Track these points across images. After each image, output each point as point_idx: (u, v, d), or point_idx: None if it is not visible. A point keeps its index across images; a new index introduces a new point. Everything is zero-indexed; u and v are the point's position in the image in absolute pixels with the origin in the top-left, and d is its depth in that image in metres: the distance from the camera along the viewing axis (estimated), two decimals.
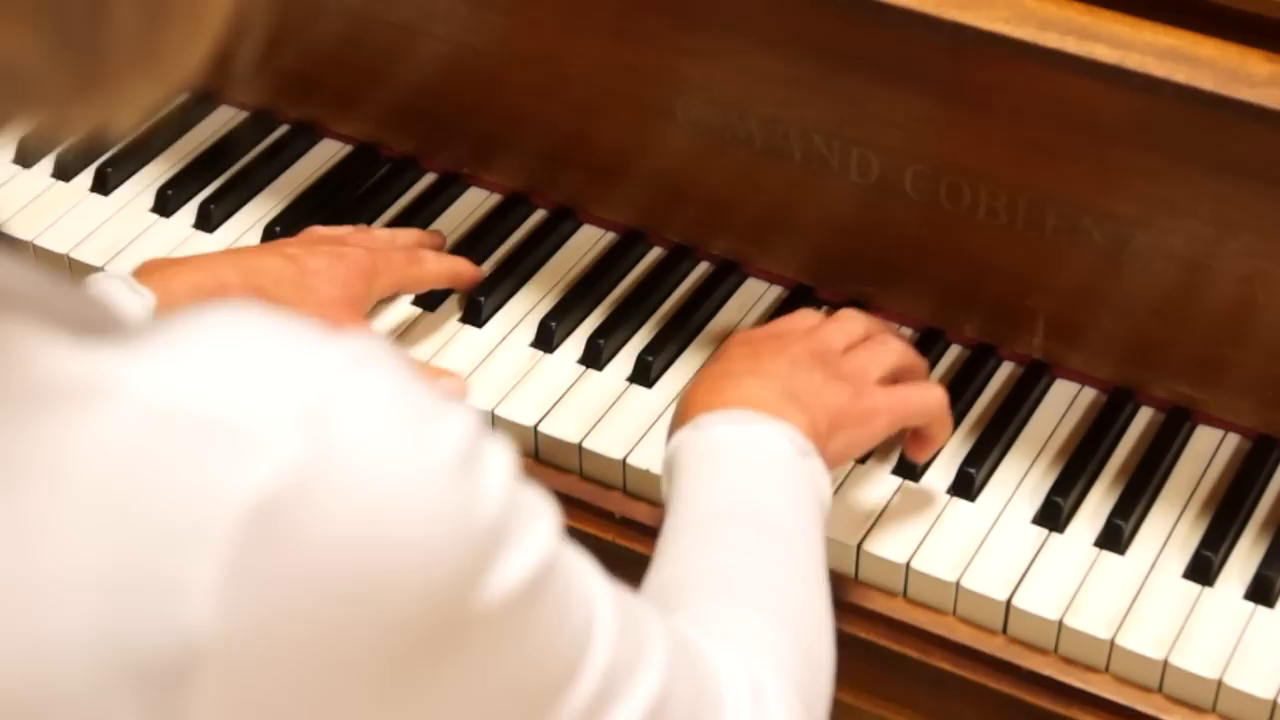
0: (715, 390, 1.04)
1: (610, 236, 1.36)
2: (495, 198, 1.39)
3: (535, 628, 0.70)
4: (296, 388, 0.62)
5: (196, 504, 0.60)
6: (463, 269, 1.29)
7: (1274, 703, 1.04)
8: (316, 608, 0.62)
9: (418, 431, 0.64)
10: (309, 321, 0.66)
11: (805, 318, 1.14)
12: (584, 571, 0.75)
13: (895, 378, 1.10)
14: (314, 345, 0.64)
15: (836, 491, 1.14)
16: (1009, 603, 1.10)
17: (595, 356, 1.25)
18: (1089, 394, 1.23)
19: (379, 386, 0.64)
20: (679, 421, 1.04)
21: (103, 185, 1.40)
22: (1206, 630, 1.08)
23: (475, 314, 1.28)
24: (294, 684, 0.62)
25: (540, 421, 1.21)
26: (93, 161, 1.41)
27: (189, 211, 1.38)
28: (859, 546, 1.13)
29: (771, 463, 1.00)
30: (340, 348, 0.64)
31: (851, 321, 1.13)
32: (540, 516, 0.70)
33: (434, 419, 0.65)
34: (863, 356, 1.10)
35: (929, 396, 1.10)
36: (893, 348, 1.11)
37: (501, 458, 0.68)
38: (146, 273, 1.13)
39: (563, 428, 1.20)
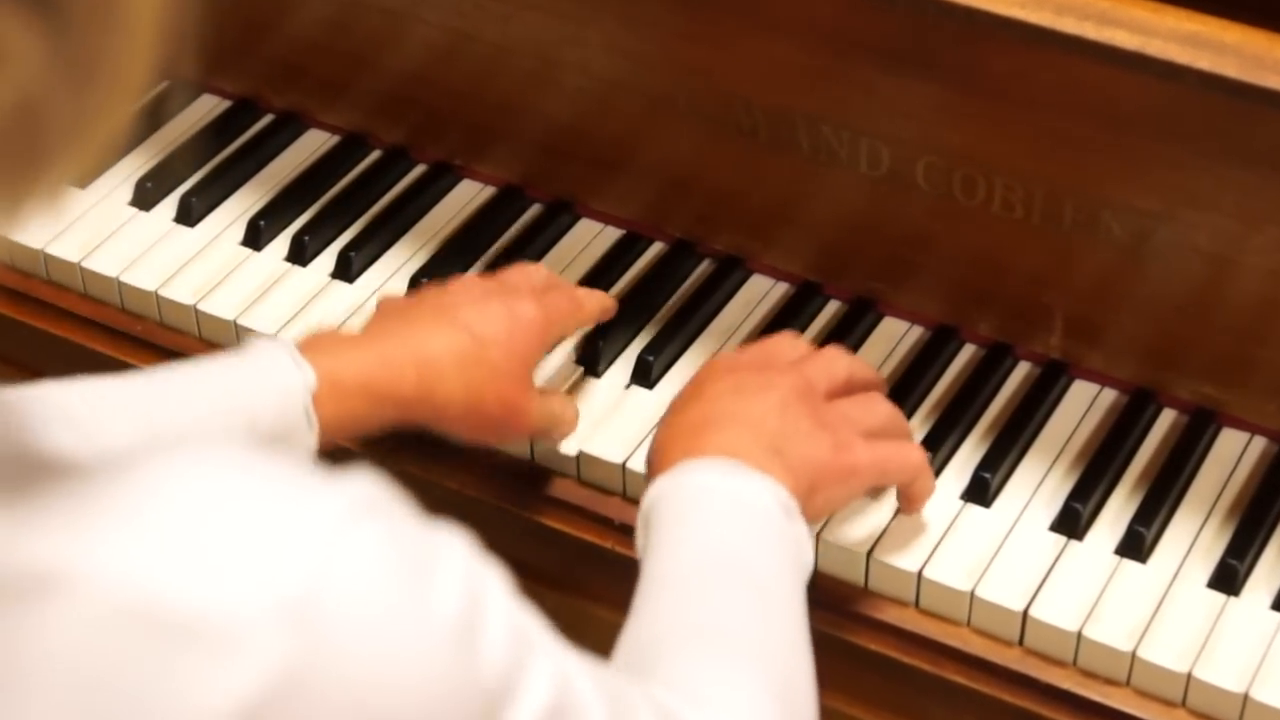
0: (699, 435, 1.03)
1: (609, 231, 1.36)
2: (489, 190, 1.39)
3: None
4: (277, 569, 0.59)
5: (175, 714, 0.57)
6: (608, 304, 1.24)
7: None
8: None
9: (413, 602, 0.62)
10: (292, 467, 0.62)
11: (792, 346, 1.13)
12: (580, 685, 0.74)
13: (877, 435, 1.09)
14: (294, 509, 0.61)
15: None
16: (1025, 613, 1.10)
17: (594, 357, 1.25)
18: (1109, 395, 1.23)
19: (367, 554, 0.61)
20: (658, 464, 1.03)
21: (79, 178, 1.40)
22: (1232, 642, 1.07)
23: None
24: None
25: None
26: None
27: (169, 205, 1.38)
28: (869, 554, 1.12)
29: (754, 519, 0.99)
30: (326, 505, 0.61)
31: (837, 362, 1.12)
32: (539, 653, 0.69)
33: (429, 575, 0.63)
34: (848, 406, 1.09)
35: (910, 457, 1.09)
36: (879, 410, 1.10)
37: (499, 596, 0.67)
38: (313, 347, 1.07)
39: None
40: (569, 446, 1.19)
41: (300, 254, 1.33)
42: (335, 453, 1.07)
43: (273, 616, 0.58)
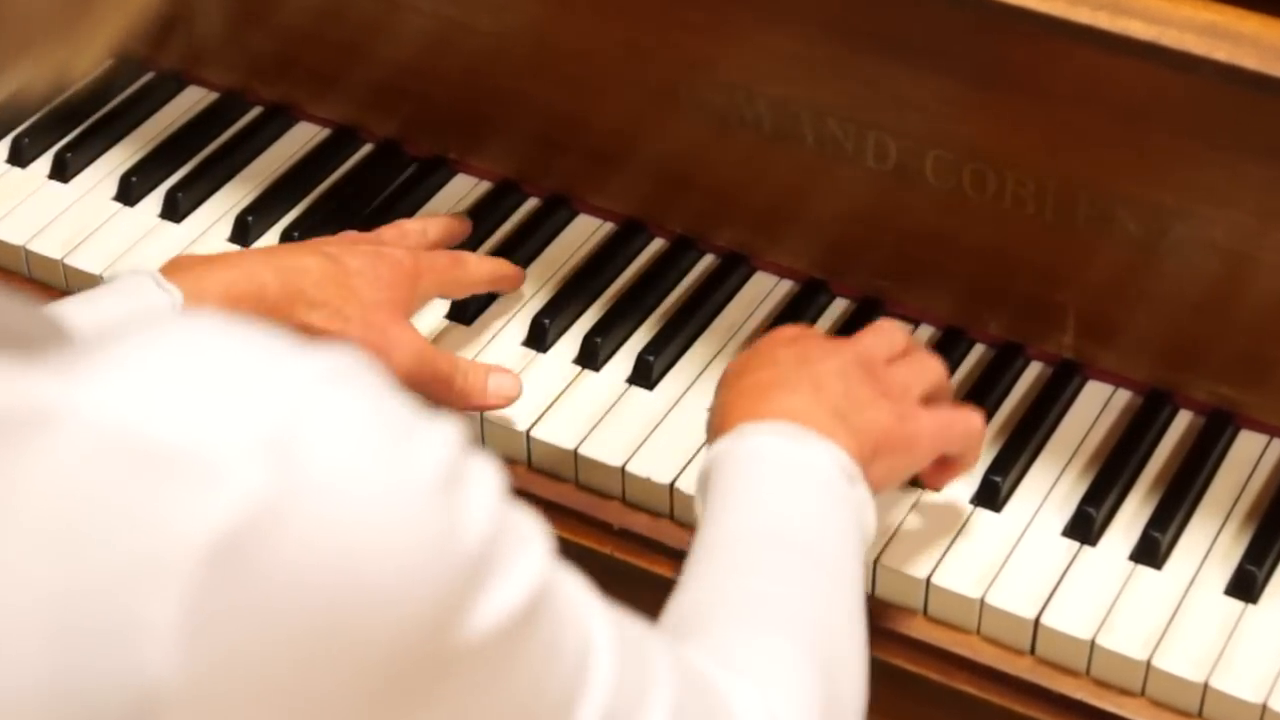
0: (762, 398, 1.03)
1: (608, 227, 1.36)
2: (484, 185, 1.39)
3: (525, 664, 0.70)
4: (260, 409, 0.62)
5: (154, 540, 0.60)
6: (507, 271, 1.27)
7: None
8: (287, 648, 0.61)
9: (393, 452, 0.64)
10: (275, 331, 0.65)
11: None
12: (580, 600, 0.74)
13: (929, 398, 1.10)
14: (280, 360, 0.64)
15: None
16: (1037, 621, 1.10)
17: (592, 356, 1.25)
18: (1123, 396, 1.23)
19: (351, 404, 0.64)
20: (719, 428, 1.04)
21: (61, 171, 1.40)
22: (1250, 651, 1.07)
23: (462, 311, 1.28)
24: None
25: (533, 426, 1.21)
26: (50, 146, 1.41)
27: (154, 200, 1.38)
28: (876, 561, 1.13)
29: (816, 485, 1.00)
30: (309, 362, 0.64)
31: (895, 332, 1.13)
32: (530, 543, 0.70)
33: (412, 437, 0.65)
34: (905, 372, 1.09)
35: (972, 423, 1.10)
36: (931, 366, 1.11)
37: (488, 478, 0.68)
38: (176, 269, 1.12)
39: (557, 433, 1.20)
40: (566, 444, 1.19)
41: None
42: None
43: (251, 451, 0.61)
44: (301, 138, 1.44)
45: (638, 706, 0.76)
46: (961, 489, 1.17)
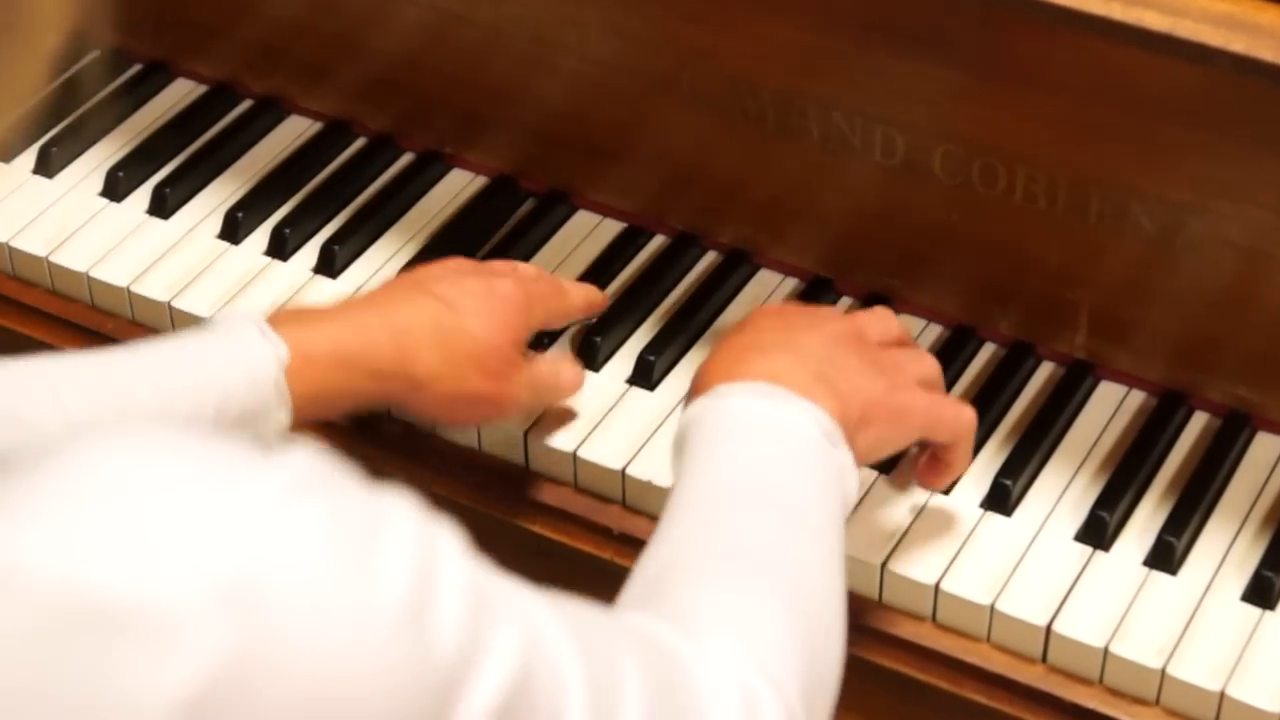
0: (739, 360, 1.04)
1: (608, 224, 1.36)
2: (481, 180, 1.39)
3: None
4: (211, 552, 0.59)
5: (111, 716, 0.57)
6: (596, 297, 1.26)
7: None
8: None
9: (358, 580, 0.62)
10: (220, 445, 0.63)
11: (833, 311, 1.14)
12: (556, 651, 0.74)
13: (922, 387, 1.10)
14: (226, 487, 0.61)
15: (856, 505, 1.14)
16: (1049, 628, 1.10)
17: (592, 356, 1.25)
18: (1137, 397, 1.23)
19: (306, 533, 0.62)
20: (696, 389, 1.04)
21: (46, 167, 1.40)
22: (1268, 658, 1.07)
23: None
24: None
25: (531, 428, 1.21)
26: (35, 141, 1.41)
27: (142, 195, 1.38)
28: (883, 566, 1.13)
29: (795, 445, 1.00)
30: (258, 484, 0.62)
31: (890, 319, 1.13)
32: (505, 619, 0.69)
33: (374, 550, 0.63)
34: (900, 356, 1.10)
35: (962, 412, 1.10)
36: (926, 357, 1.12)
37: (453, 561, 0.67)
38: (283, 320, 1.08)
39: (555, 435, 1.20)
40: (565, 447, 1.19)
41: (281, 248, 1.33)
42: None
43: (209, 604, 0.58)
44: (293, 131, 1.44)
45: (611, 714, 0.75)
46: (971, 492, 1.17)
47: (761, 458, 0.98)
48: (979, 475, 1.18)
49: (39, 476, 0.60)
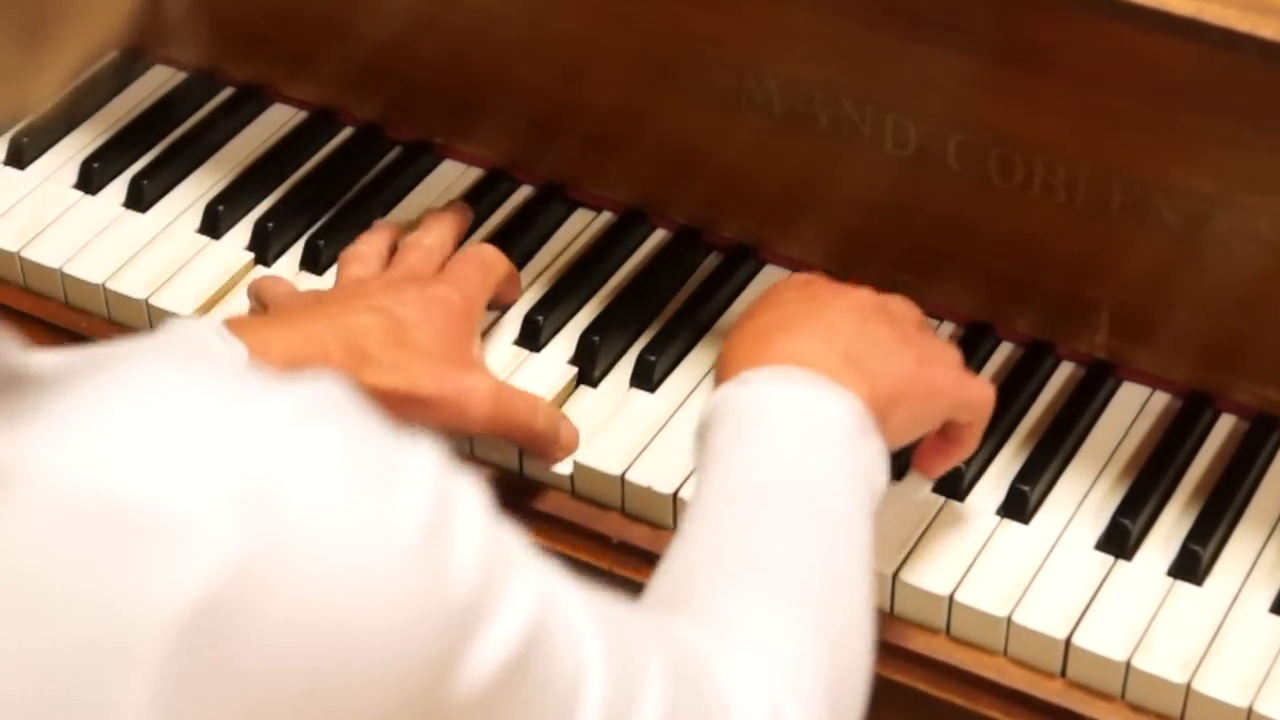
0: (765, 342, 1.03)
1: (606, 217, 1.36)
2: (474, 172, 1.39)
3: (520, 703, 0.70)
4: (231, 460, 0.62)
5: (122, 612, 0.59)
6: (513, 273, 1.28)
7: None
8: (271, 718, 0.61)
9: (375, 499, 0.64)
10: (240, 370, 0.65)
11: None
12: (574, 617, 0.74)
13: None
14: (248, 401, 0.63)
15: None
16: (1069, 641, 1.10)
17: (589, 356, 1.25)
18: (1161, 399, 1.23)
19: (326, 446, 0.64)
20: (720, 374, 1.04)
21: (18, 158, 1.40)
22: None
23: None
24: None
25: None
26: (5, 131, 1.41)
27: (118, 188, 1.38)
28: (895, 576, 1.12)
29: (824, 436, 0.99)
30: (279, 401, 0.64)
31: (910, 304, 1.13)
32: (521, 571, 0.70)
33: (393, 478, 0.65)
34: (930, 335, 1.10)
35: (985, 391, 1.10)
36: (949, 345, 1.12)
37: (473, 508, 0.68)
38: (239, 327, 1.11)
39: None
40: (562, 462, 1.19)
41: (263, 243, 1.33)
42: None
43: (226, 508, 0.61)
44: (276, 121, 1.44)
45: (631, 707, 0.76)
46: (987, 499, 1.17)
47: (791, 451, 0.98)
48: (995, 481, 1.18)
49: (68, 391, 0.63)
